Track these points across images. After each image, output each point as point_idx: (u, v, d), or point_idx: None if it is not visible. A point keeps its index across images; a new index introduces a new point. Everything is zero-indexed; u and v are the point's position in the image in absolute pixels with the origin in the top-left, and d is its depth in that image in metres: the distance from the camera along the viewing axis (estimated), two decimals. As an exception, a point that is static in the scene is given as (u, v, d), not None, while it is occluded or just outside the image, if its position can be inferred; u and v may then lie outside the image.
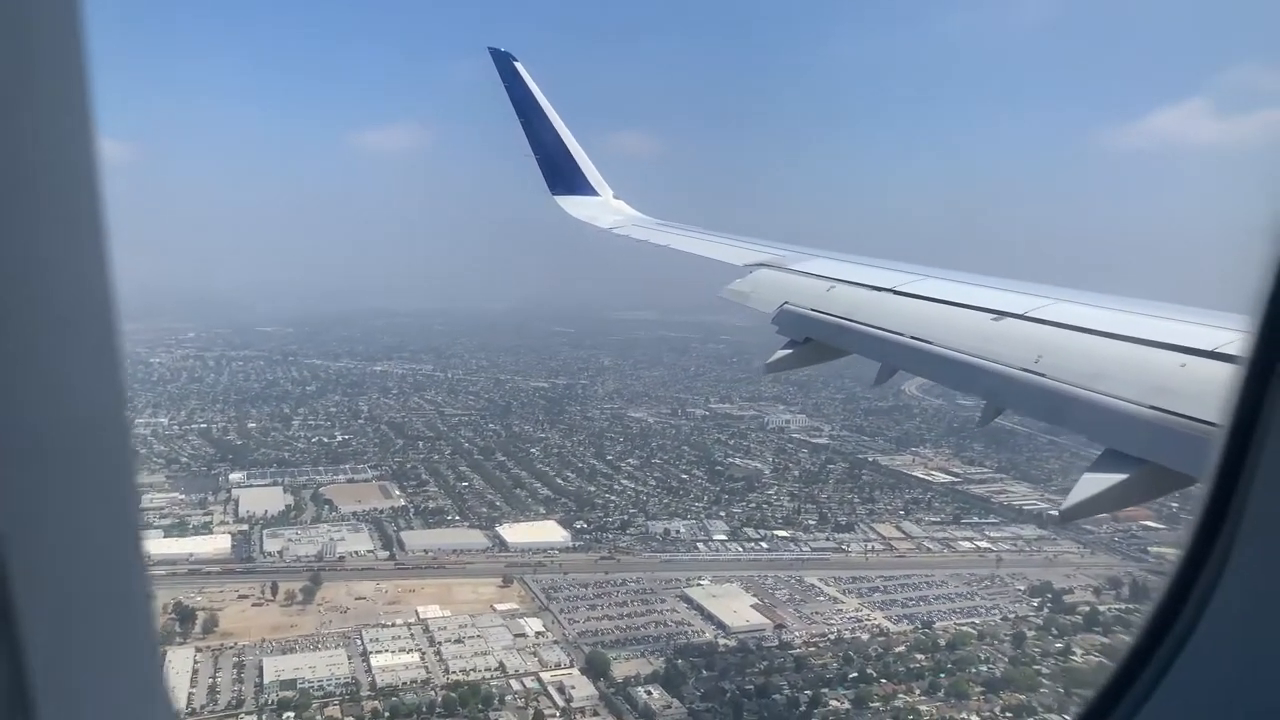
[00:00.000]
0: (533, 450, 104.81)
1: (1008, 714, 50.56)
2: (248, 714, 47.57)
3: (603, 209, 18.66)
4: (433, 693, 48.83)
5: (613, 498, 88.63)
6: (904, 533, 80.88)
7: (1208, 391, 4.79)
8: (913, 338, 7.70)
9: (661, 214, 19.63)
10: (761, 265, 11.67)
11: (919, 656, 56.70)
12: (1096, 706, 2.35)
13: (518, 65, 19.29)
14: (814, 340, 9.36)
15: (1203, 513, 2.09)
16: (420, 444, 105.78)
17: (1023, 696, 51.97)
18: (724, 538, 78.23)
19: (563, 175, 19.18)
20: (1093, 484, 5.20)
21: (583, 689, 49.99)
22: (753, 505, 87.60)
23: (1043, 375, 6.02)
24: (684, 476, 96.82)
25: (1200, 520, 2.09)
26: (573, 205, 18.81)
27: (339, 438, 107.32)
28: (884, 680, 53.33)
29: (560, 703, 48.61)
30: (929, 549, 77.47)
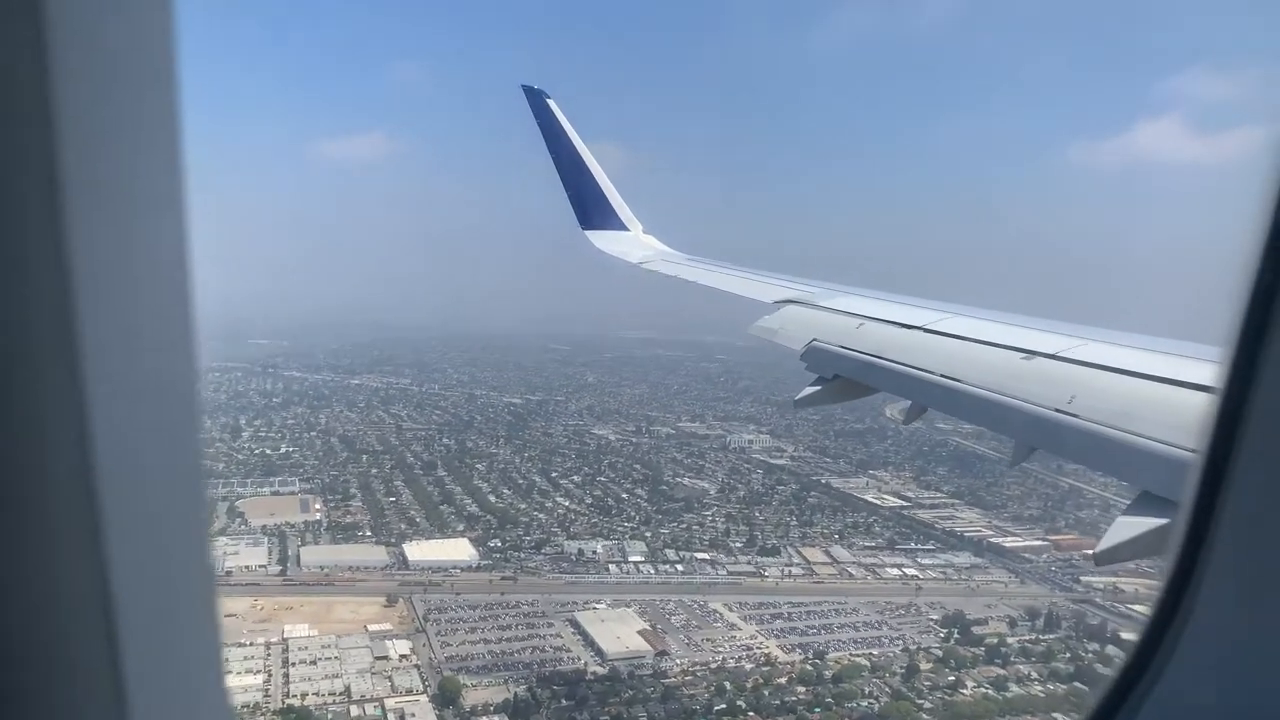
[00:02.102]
0: (478, 466, 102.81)
1: (872, 753, 47.67)
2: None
3: (633, 244, 18.70)
4: (261, 718, 46.74)
5: (541, 516, 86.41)
6: (831, 557, 78.02)
7: None
8: (943, 376, 7.55)
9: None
10: (790, 302, 11.55)
11: (799, 689, 53.96)
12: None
13: (550, 102, 19.35)
14: (842, 377, 9.14)
15: (1185, 530, 2.19)
16: (364, 458, 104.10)
17: (895, 734, 49.07)
18: (640, 559, 75.74)
19: (593, 211, 19.30)
20: (1128, 527, 4.99)
21: (424, 717, 47.70)
22: (684, 526, 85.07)
23: (1075, 416, 5.86)
24: (624, 495, 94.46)
25: (1183, 537, 2.19)
26: (603, 240, 18.87)
27: (283, 450, 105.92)
28: (751, 713, 50.61)
29: (395, 731, 46.34)
30: (851, 575, 74.62)
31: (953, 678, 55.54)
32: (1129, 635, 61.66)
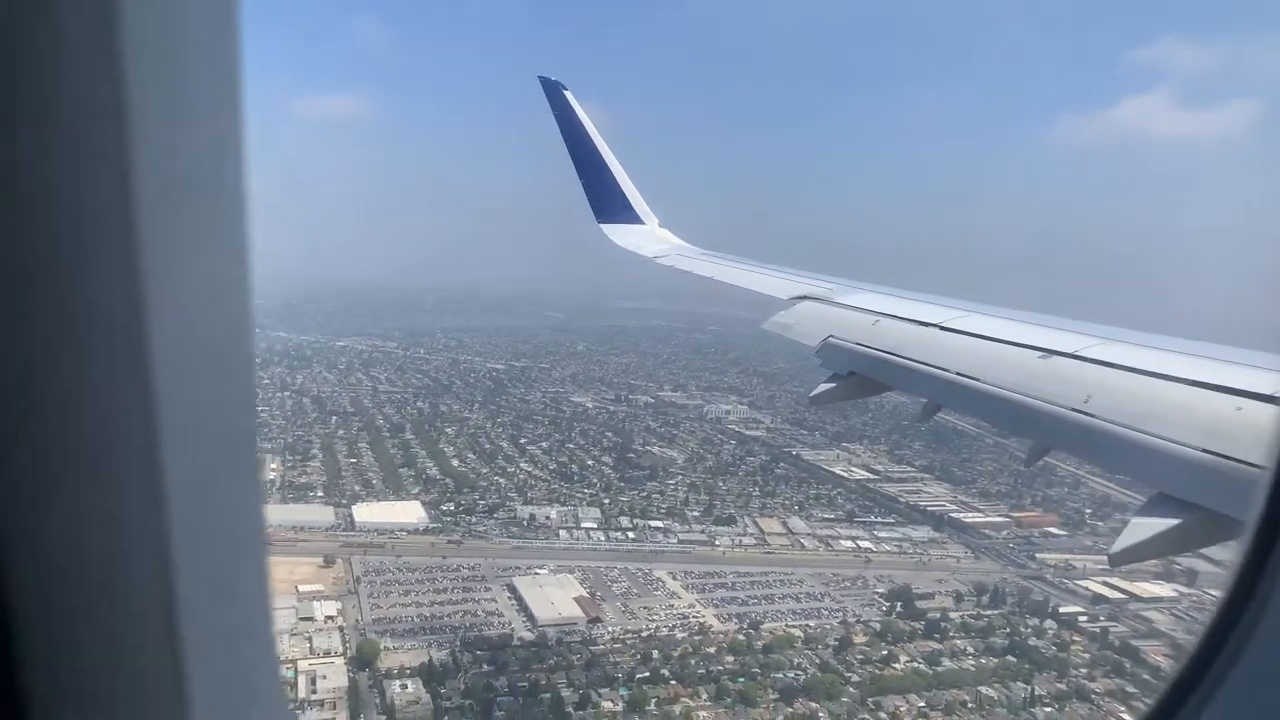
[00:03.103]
0: (447, 430, 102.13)
1: (787, 725, 47.03)
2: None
3: (648, 238, 18.70)
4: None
5: (501, 480, 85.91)
6: (786, 528, 77.28)
7: (1264, 436, 4.50)
8: (959, 374, 7.50)
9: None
10: (805, 298, 11.46)
11: (728, 659, 53.32)
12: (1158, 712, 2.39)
13: (568, 95, 19.31)
14: (858, 374, 9.10)
15: (1255, 532, 2.21)
16: (333, 419, 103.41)
17: (815, 705, 48.44)
18: (593, 526, 75.14)
19: (609, 204, 19.25)
20: (1143, 528, 4.99)
21: (336, 680, 47.23)
22: (644, 494, 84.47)
23: (1092, 416, 5.85)
24: (589, 462, 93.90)
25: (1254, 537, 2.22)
26: (619, 234, 18.89)
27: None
28: (673, 682, 49.98)
29: (303, 694, 45.78)
30: (804, 546, 73.91)
31: (886, 651, 54.76)
32: (1071, 609, 61.05)
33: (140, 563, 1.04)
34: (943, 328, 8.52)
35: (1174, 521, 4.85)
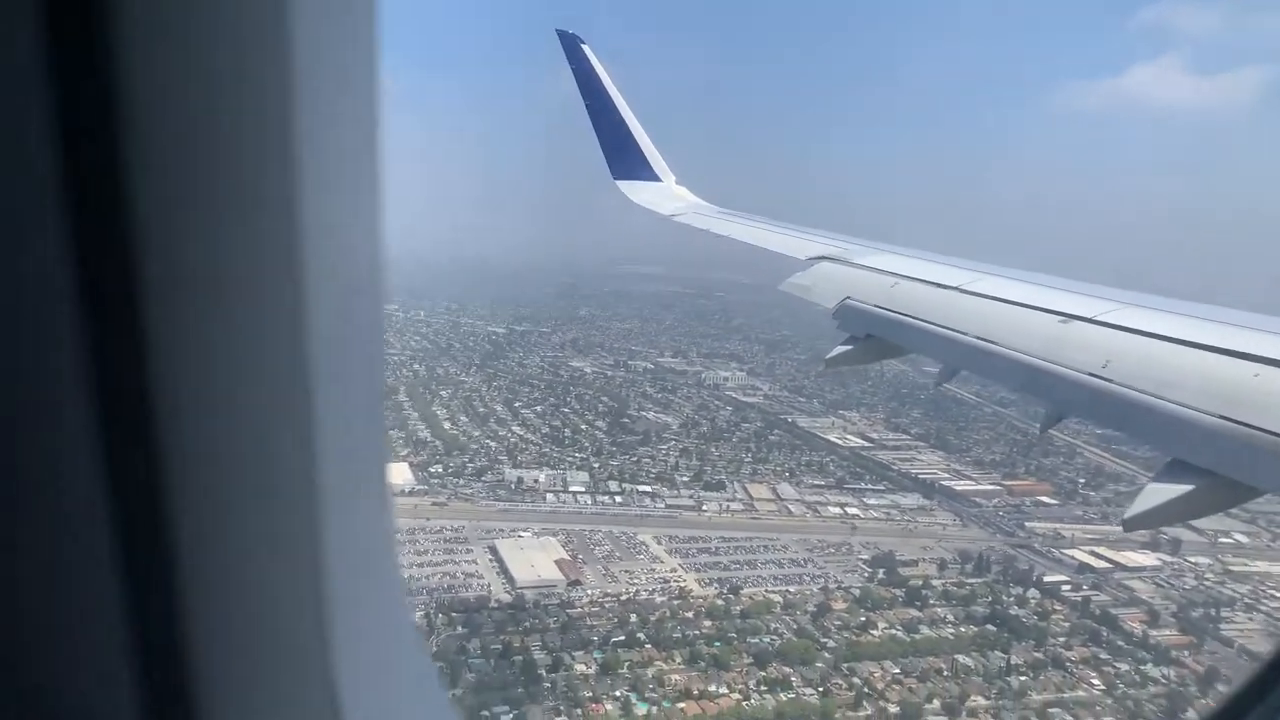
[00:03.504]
0: (442, 392, 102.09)
1: (762, 687, 46.99)
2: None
3: (665, 195, 18.39)
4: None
5: (492, 444, 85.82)
6: (775, 494, 77.04)
7: None
8: (977, 338, 7.39)
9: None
10: (823, 258, 11.25)
11: (706, 623, 53.31)
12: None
13: (585, 49, 18.93)
14: (875, 337, 9.00)
15: None
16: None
17: (789, 670, 48.44)
18: (580, 489, 75.08)
19: (626, 160, 18.88)
20: (1157, 494, 4.91)
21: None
22: (635, 459, 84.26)
23: (1110, 381, 5.82)
24: (583, 427, 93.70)
25: None
26: (635, 191, 18.57)
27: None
28: (648, 646, 50.01)
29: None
30: (791, 512, 73.68)
31: (864, 618, 54.65)
32: (1055, 578, 60.83)
33: (296, 564, 1.09)
34: (962, 290, 8.39)
35: (1188, 487, 4.84)
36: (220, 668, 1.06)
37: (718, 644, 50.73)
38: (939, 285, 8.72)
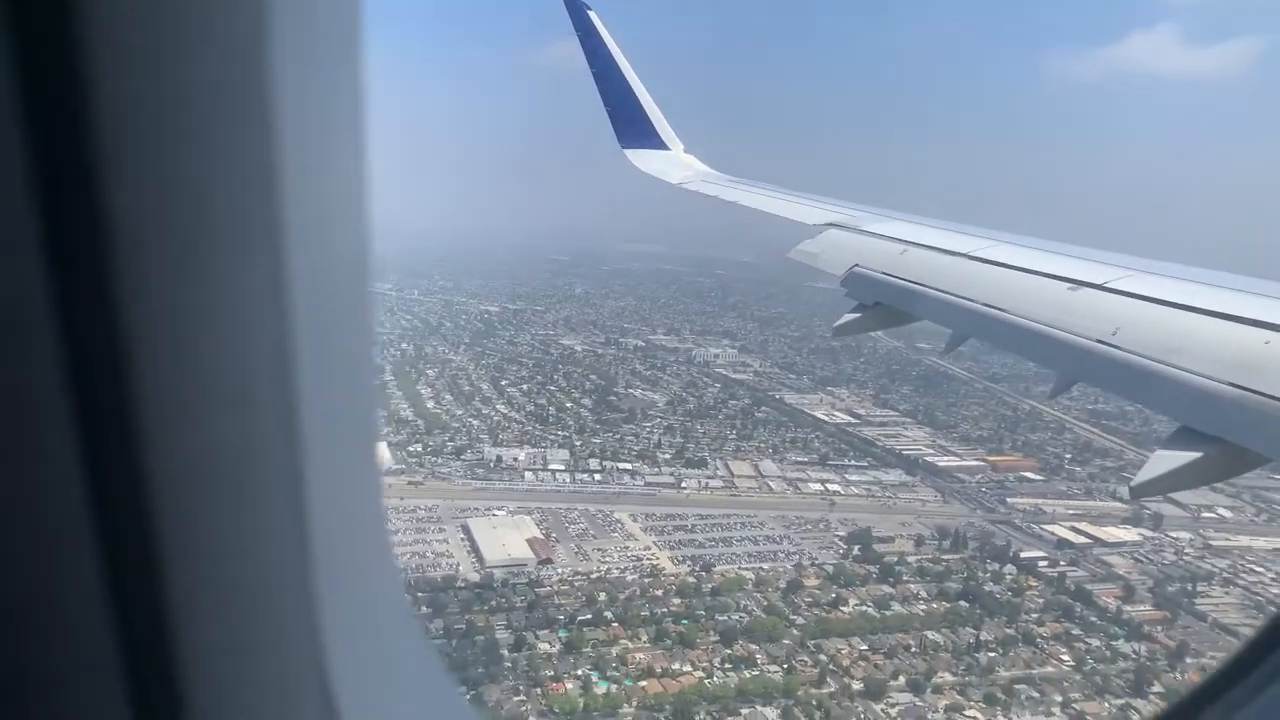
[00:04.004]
0: (429, 371, 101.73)
1: (726, 665, 46.67)
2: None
3: (673, 164, 18.12)
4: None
5: (475, 422, 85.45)
6: (757, 471, 76.59)
7: None
8: (986, 305, 7.40)
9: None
10: (832, 226, 11.13)
11: (675, 601, 52.98)
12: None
13: (592, 15, 18.69)
14: (883, 305, 8.97)
15: None
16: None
17: (755, 647, 48.12)
18: (560, 467, 74.67)
19: (634, 129, 18.61)
20: (1166, 461, 4.89)
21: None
22: (618, 437, 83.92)
23: (1118, 348, 5.78)
24: (568, 405, 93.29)
25: None
26: (643, 159, 18.33)
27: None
28: (615, 624, 49.71)
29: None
30: (771, 489, 73.20)
31: (836, 595, 54.27)
32: (1033, 553, 60.33)
33: (283, 557, 1.07)
34: (971, 257, 8.37)
35: (1196, 454, 4.82)
36: (209, 663, 1.04)
37: (685, 622, 50.41)
38: (948, 252, 8.71)
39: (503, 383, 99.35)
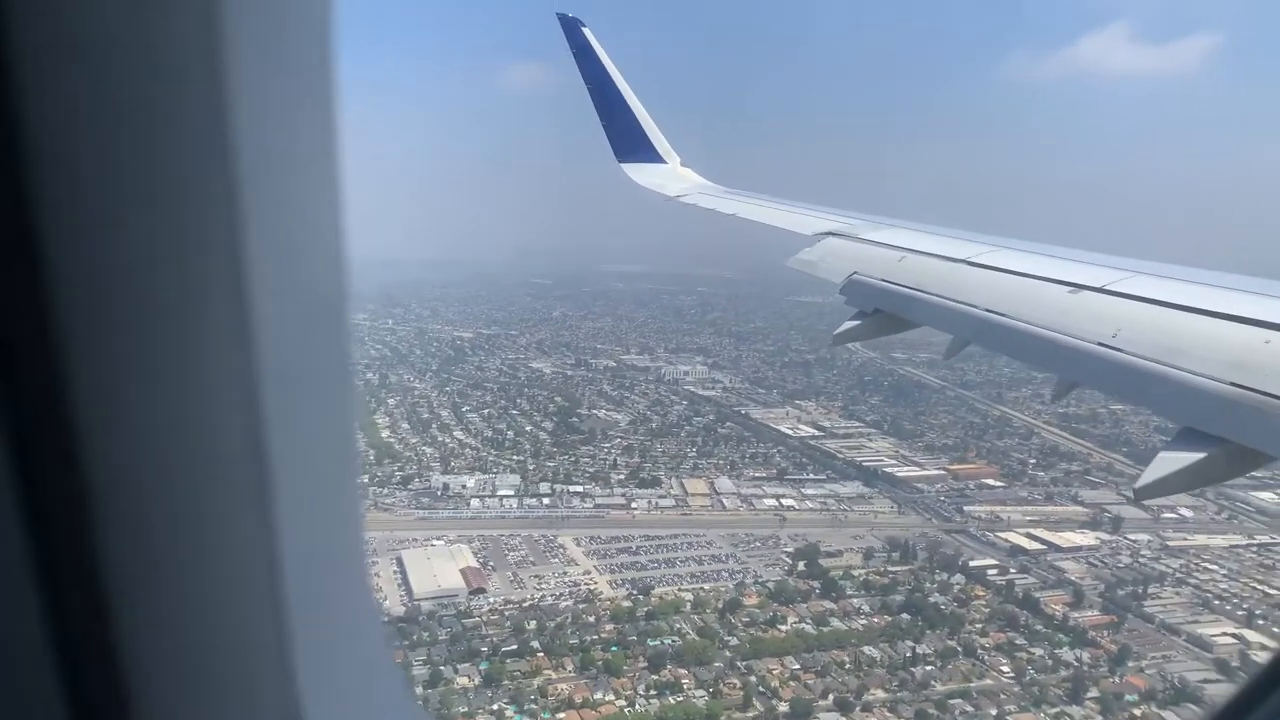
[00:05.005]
0: (389, 400, 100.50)
1: (651, 692, 45.02)
2: None
3: (670, 177, 18.29)
4: None
5: (428, 450, 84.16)
6: (712, 489, 75.16)
7: None
8: (986, 310, 7.30)
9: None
10: (830, 234, 11.18)
11: (607, 627, 51.34)
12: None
13: (586, 32, 18.86)
14: (883, 311, 8.96)
15: None
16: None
17: (684, 672, 46.48)
18: (509, 493, 73.20)
19: (630, 143, 18.84)
20: (1169, 462, 4.86)
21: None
22: (573, 459, 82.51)
23: (1119, 350, 5.79)
24: (527, 428, 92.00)
25: None
26: (640, 173, 18.48)
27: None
28: (540, 654, 48.06)
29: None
30: (724, 506, 71.77)
31: (774, 613, 52.65)
32: (983, 562, 58.70)
33: (249, 562, 1.06)
34: (970, 263, 8.34)
35: (1200, 455, 4.80)
36: (168, 687, 1.02)
37: (614, 648, 48.79)
38: (946, 258, 8.68)
39: (464, 409, 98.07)
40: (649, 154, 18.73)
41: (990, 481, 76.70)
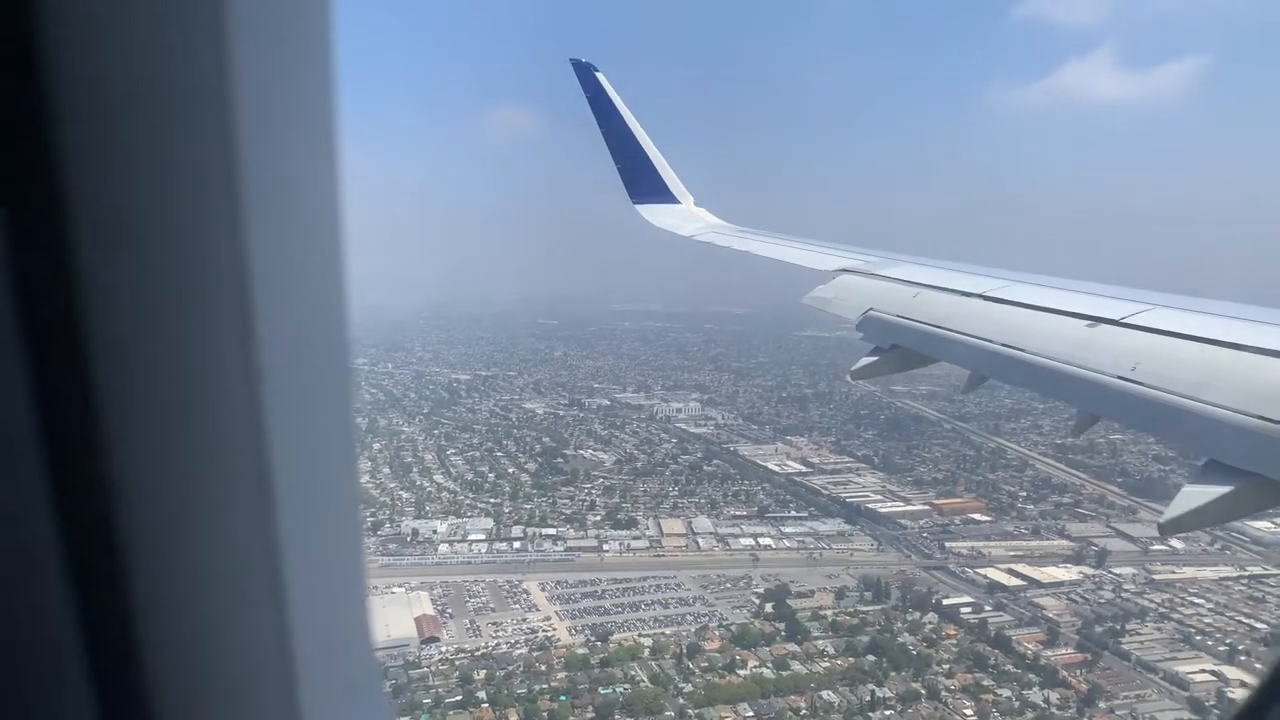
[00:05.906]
0: (375, 445, 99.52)
1: (595, 744, 43.14)
2: None
3: (684, 217, 18.36)
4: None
5: (405, 494, 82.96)
6: (689, 529, 73.28)
7: None
8: (1004, 345, 7.17)
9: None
10: (844, 271, 11.16)
11: (560, 675, 49.47)
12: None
13: (599, 76, 19.02)
14: (900, 347, 8.82)
15: None
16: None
17: (631, 721, 44.55)
18: (480, 538, 71.65)
19: (644, 184, 19.05)
20: (1195, 496, 4.65)
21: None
22: (552, 501, 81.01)
23: (1139, 383, 5.63)
24: (510, 470, 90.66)
25: None
26: (654, 214, 18.58)
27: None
28: (485, 705, 46.27)
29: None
30: (699, 547, 69.89)
31: (735, 657, 50.60)
32: (958, 600, 56.48)
33: (249, 563, 1.07)
34: (986, 297, 8.28)
35: (1226, 489, 4.56)
36: (178, 690, 1.04)
37: (563, 698, 46.90)
38: (962, 293, 8.62)
39: (449, 452, 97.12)
40: (663, 195, 18.86)
41: (977, 516, 74.39)
